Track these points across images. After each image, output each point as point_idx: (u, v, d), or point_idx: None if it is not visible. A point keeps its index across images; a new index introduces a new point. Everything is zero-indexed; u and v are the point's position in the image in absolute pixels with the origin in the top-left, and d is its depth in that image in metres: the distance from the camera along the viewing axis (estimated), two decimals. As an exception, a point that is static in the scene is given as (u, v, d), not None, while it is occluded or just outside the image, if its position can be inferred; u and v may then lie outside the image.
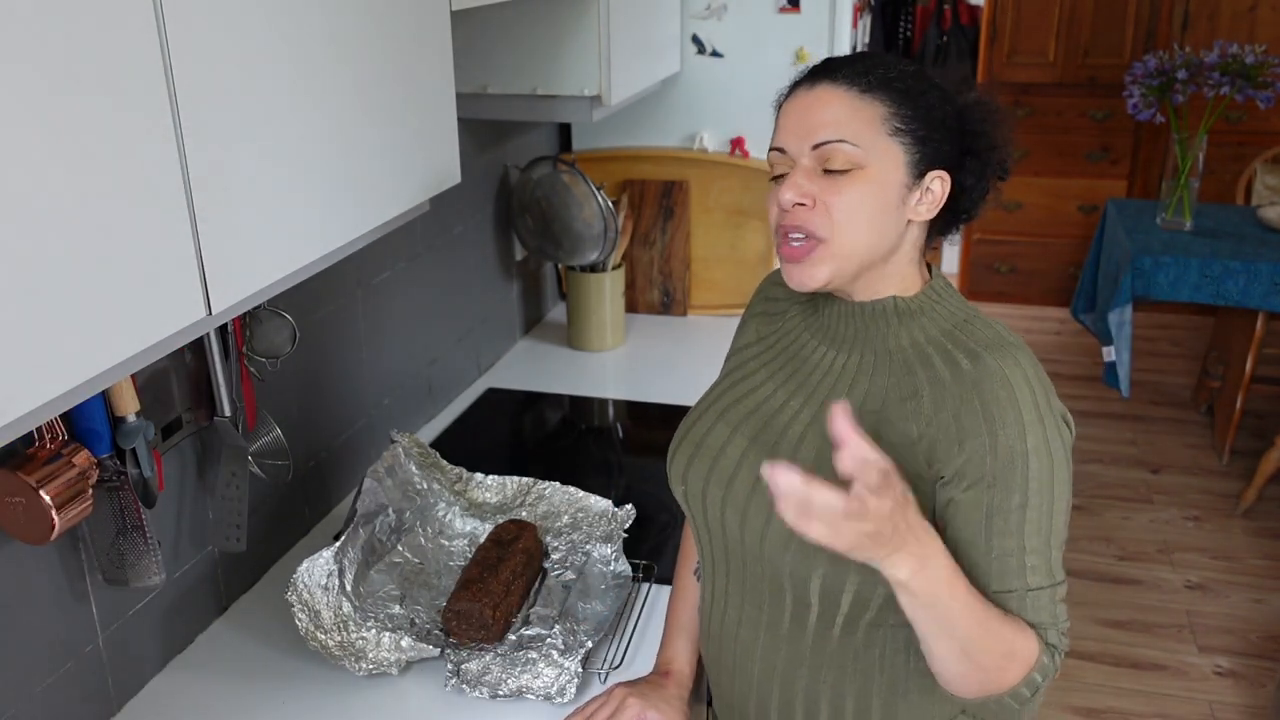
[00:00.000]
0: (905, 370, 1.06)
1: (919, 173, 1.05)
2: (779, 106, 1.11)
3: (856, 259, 1.05)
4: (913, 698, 1.11)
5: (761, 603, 1.12)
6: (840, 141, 1.02)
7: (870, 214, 1.03)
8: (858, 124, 1.02)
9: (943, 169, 1.06)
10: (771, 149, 1.09)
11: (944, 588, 0.94)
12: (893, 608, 1.05)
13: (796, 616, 1.10)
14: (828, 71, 1.06)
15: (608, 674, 1.32)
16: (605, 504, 1.58)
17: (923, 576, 0.92)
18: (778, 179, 1.08)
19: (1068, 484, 1.03)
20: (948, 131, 1.05)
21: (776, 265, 1.19)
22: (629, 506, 1.56)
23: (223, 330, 1.34)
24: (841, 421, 0.84)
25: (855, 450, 0.85)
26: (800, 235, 1.04)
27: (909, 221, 1.07)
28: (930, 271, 1.14)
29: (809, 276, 1.05)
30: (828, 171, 1.03)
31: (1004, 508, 1.00)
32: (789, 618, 1.10)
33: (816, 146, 1.03)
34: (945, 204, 1.07)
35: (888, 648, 1.09)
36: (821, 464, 1.06)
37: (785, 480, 0.83)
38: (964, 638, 0.96)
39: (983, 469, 1.00)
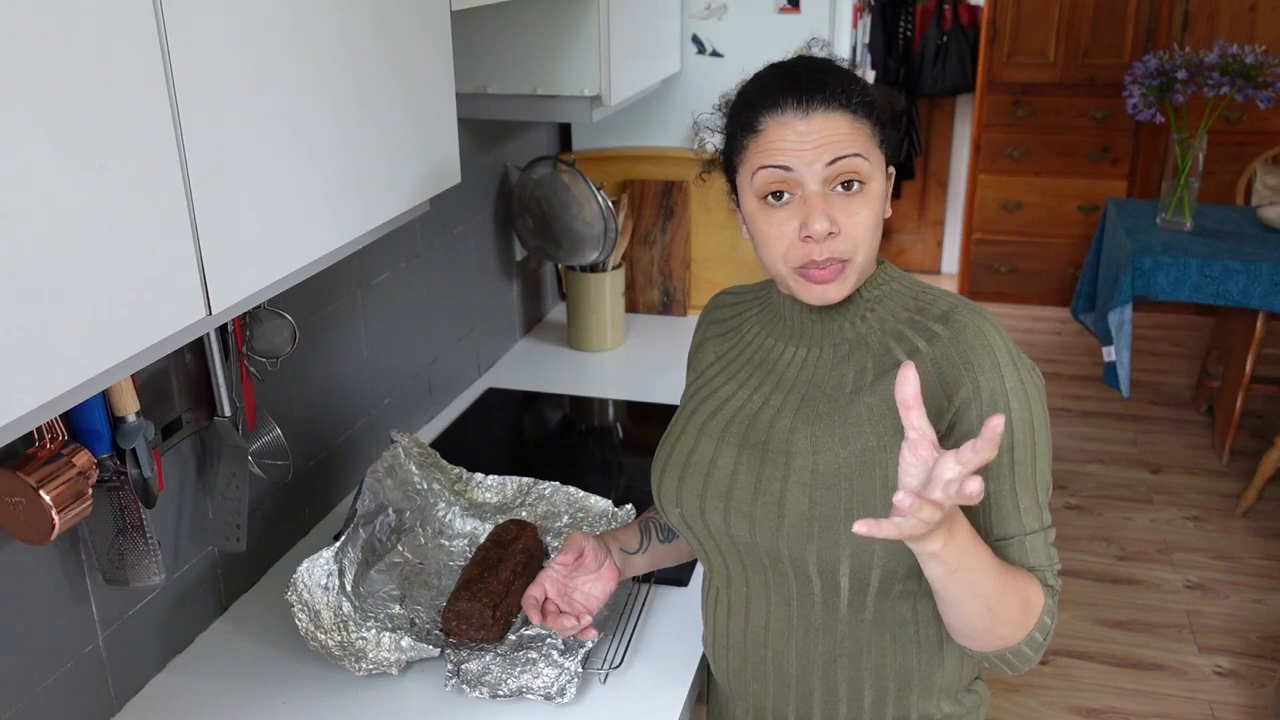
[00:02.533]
0: (882, 350, 1.09)
1: (887, 175, 1.10)
2: (748, 128, 1.07)
3: (869, 268, 1.10)
4: (948, 664, 1.14)
5: (789, 599, 1.12)
6: (855, 155, 1.04)
7: (876, 225, 1.07)
8: (860, 139, 1.05)
9: (891, 164, 1.11)
10: (766, 166, 1.04)
11: (969, 552, 0.95)
12: (919, 575, 1.08)
13: (828, 604, 1.10)
14: (812, 92, 1.03)
15: (608, 674, 1.32)
16: (605, 504, 1.58)
17: (952, 544, 0.93)
18: (774, 197, 1.05)
19: (1047, 428, 1.07)
20: (890, 129, 1.10)
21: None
22: (629, 506, 1.56)
23: (223, 330, 1.34)
24: (908, 385, 0.88)
25: (917, 421, 0.88)
26: (829, 260, 1.05)
27: None
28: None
29: (837, 292, 1.07)
30: (844, 186, 1.04)
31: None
32: (820, 607, 1.10)
33: (833, 161, 1.03)
34: None
35: (920, 619, 1.11)
36: (817, 452, 1.07)
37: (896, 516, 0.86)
38: (988, 595, 0.98)
39: (969, 416, 1.03)
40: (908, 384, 0.88)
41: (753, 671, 1.18)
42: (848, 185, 1.04)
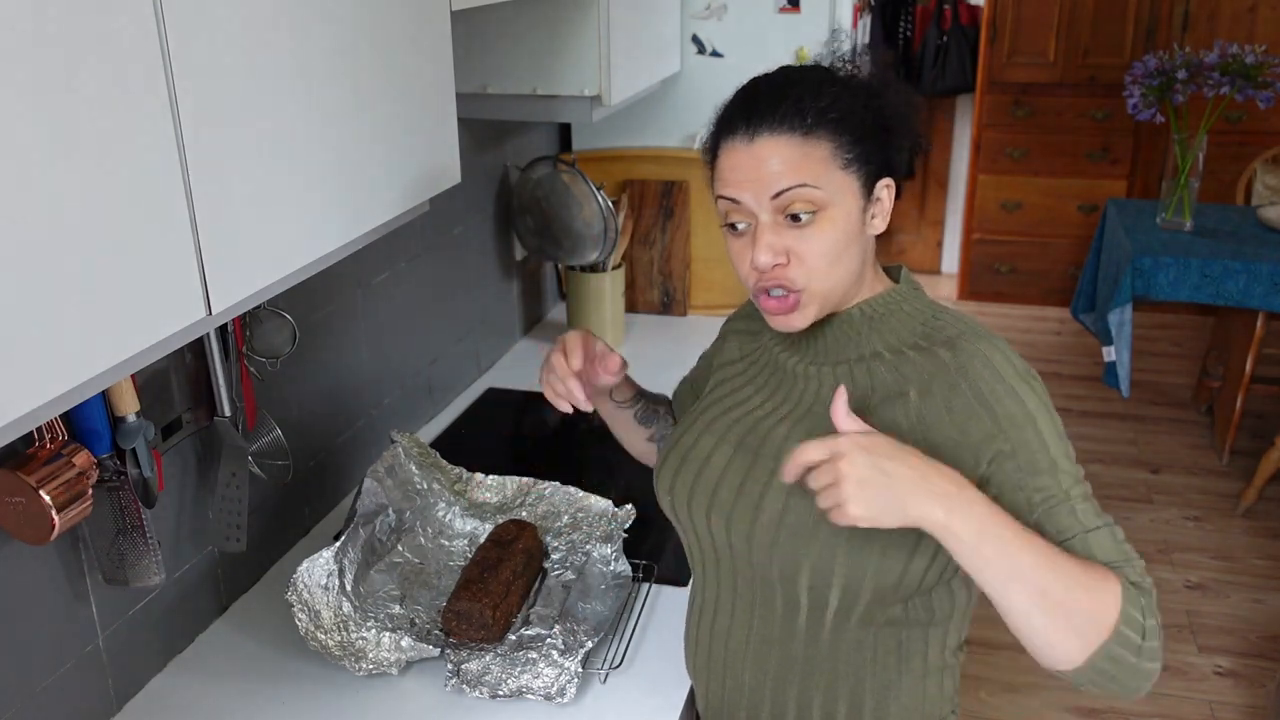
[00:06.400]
0: (888, 371, 1.07)
1: (869, 190, 1.05)
2: (711, 151, 1.08)
3: (838, 293, 1.07)
4: (904, 700, 1.11)
5: (753, 606, 1.12)
6: (801, 186, 1.00)
7: (841, 250, 1.03)
8: (811, 165, 1.01)
9: (886, 175, 1.06)
10: (721, 197, 1.05)
11: (989, 519, 0.90)
12: (882, 603, 1.06)
13: (787, 617, 1.10)
14: (761, 117, 1.02)
15: (607, 674, 1.32)
16: (605, 504, 1.58)
17: (960, 513, 0.89)
18: (732, 227, 1.06)
19: (1061, 428, 1.02)
20: (879, 137, 1.05)
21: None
22: (629, 506, 1.56)
23: (223, 330, 1.34)
24: (840, 407, 0.96)
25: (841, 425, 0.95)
26: (781, 290, 1.04)
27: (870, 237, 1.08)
28: (898, 275, 1.15)
29: (798, 321, 1.06)
30: (791, 219, 1.02)
31: (1036, 468, 0.98)
32: (780, 620, 1.10)
33: (777, 195, 1.01)
34: None
35: (879, 649, 1.09)
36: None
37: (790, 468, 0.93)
38: (1034, 574, 0.90)
39: (998, 444, 0.99)
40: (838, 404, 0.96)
41: (711, 672, 1.19)
42: (795, 218, 1.01)
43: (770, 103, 1.02)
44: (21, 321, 0.70)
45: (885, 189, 1.06)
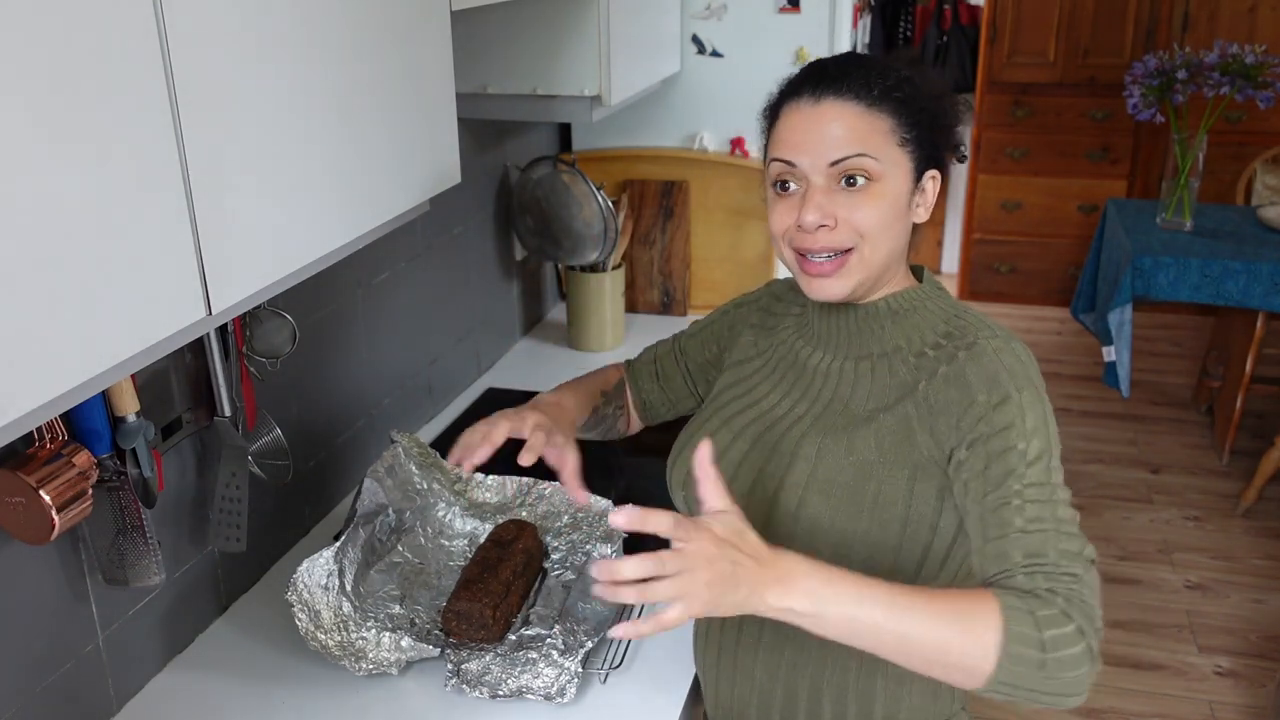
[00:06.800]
0: (908, 371, 1.08)
1: (918, 177, 1.07)
2: (772, 114, 1.10)
3: (878, 268, 1.08)
4: (914, 697, 1.11)
5: None
6: (861, 155, 1.03)
7: (888, 225, 1.05)
8: (872, 136, 1.03)
9: (934, 168, 1.09)
10: (775, 159, 1.07)
11: (824, 587, 0.88)
12: None
13: None
14: (829, 83, 1.04)
15: (608, 674, 1.32)
16: (605, 504, 1.58)
17: (806, 595, 0.88)
18: (781, 187, 1.08)
19: (1056, 443, 1.01)
20: (934, 131, 1.08)
21: (778, 268, 1.17)
22: (629, 507, 1.55)
23: (223, 330, 1.34)
24: (703, 461, 0.94)
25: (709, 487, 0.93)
26: (826, 254, 1.05)
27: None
28: (922, 274, 1.16)
29: (836, 290, 1.07)
30: (846, 181, 1.03)
31: (1005, 464, 0.98)
32: None
33: (836, 162, 1.03)
34: None
35: None
36: (820, 458, 1.07)
37: (596, 568, 0.89)
38: (892, 624, 0.88)
39: (980, 429, 1.00)
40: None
41: (723, 668, 1.19)
42: (851, 181, 1.03)
43: (839, 72, 1.05)
44: (22, 321, 0.70)
45: (931, 180, 1.09)
